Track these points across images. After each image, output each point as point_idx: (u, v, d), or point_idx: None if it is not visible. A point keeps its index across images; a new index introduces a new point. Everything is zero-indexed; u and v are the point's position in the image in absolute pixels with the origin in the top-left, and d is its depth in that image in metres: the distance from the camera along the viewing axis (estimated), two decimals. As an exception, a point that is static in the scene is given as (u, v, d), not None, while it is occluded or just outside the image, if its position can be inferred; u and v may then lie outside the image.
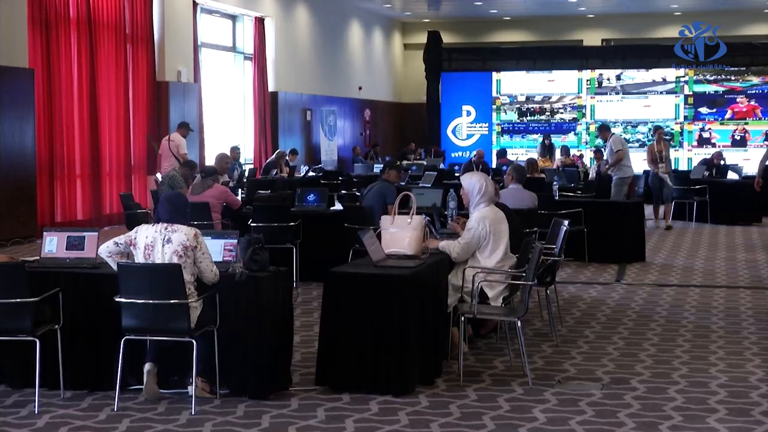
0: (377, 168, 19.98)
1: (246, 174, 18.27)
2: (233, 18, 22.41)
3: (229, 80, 22.25)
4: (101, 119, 16.79)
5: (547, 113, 28.07)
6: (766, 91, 26.45)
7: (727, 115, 26.53)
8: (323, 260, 8.92)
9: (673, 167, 23.40)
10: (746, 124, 26.41)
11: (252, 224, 11.27)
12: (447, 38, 29.86)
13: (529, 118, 28.25)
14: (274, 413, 6.33)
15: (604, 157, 18.12)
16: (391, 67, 31.75)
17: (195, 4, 19.63)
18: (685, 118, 26.82)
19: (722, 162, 19.86)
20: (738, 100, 26.49)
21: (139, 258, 6.53)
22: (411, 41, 32.29)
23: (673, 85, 27.03)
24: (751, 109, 26.37)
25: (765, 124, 26.33)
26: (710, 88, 26.80)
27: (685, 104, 26.82)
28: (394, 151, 28.20)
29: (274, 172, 19.14)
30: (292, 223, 11.43)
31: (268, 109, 22.85)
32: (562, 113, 27.96)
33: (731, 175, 19.31)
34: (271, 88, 23.07)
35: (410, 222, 7.50)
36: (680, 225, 18.01)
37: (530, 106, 28.21)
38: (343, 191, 16.39)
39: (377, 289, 6.80)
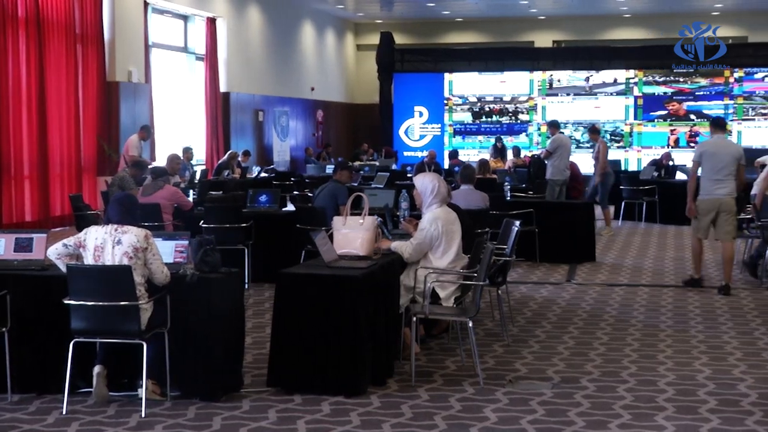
0: (329, 169, 19.96)
1: (197, 175, 18.17)
2: (185, 18, 22.28)
3: (181, 81, 22.12)
4: (50, 120, 16.61)
5: (498, 114, 28.20)
6: (713, 92, 26.76)
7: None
8: (275, 261, 8.92)
9: (622, 168, 23.70)
10: (694, 125, 26.70)
11: (203, 225, 11.22)
12: (399, 39, 29.91)
13: (481, 119, 28.37)
14: (225, 415, 6.30)
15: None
16: (343, 68, 31.74)
17: (146, 4, 19.49)
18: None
19: (671, 163, 20.07)
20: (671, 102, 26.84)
21: (89, 260, 6.48)
22: (364, 42, 32.31)
23: (623, 87, 27.27)
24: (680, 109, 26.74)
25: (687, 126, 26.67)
26: (659, 90, 27.08)
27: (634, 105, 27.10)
28: (346, 151, 28.20)
29: (226, 173, 19.06)
30: (244, 224, 11.40)
31: (220, 109, 22.75)
32: (513, 114, 28.11)
33: (680, 176, 19.51)
34: (223, 88, 22.97)
35: (362, 223, 7.50)
36: (630, 225, 18.19)
37: (482, 107, 28.33)
38: (295, 192, 16.37)
39: (329, 289, 6.80)
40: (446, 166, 22.87)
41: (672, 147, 25.45)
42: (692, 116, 26.70)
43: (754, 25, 28.88)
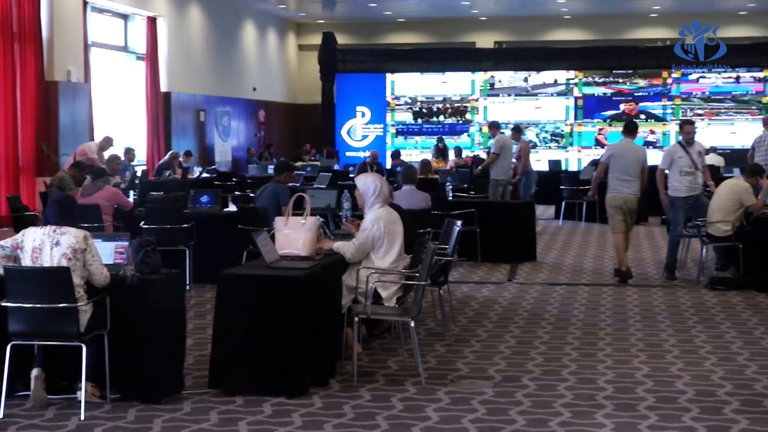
0: (272, 169, 19.89)
1: (138, 175, 18.00)
2: (125, 17, 22.06)
3: (121, 80, 21.90)
4: (-13, 119, 16.36)
5: (440, 114, 28.30)
6: (652, 93, 27.09)
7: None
8: (217, 262, 8.88)
9: (563, 168, 23.91)
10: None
11: (144, 226, 11.13)
12: (341, 39, 29.88)
13: (423, 119, 28.45)
14: (166, 417, 6.26)
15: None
16: (285, 68, 31.64)
17: (85, 3, 19.26)
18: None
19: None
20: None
21: (27, 261, 6.40)
22: (305, 42, 32.23)
23: (563, 87, 27.51)
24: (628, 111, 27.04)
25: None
26: (599, 91, 27.35)
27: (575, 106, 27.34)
28: (288, 152, 28.10)
29: (167, 174, 18.91)
30: (185, 225, 11.32)
31: (161, 109, 22.54)
32: (455, 115, 28.22)
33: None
34: (163, 88, 22.77)
35: (304, 223, 7.49)
36: (570, 225, 18.36)
37: (424, 107, 28.42)
38: (237, 192, 16.28)
39: (271, 290, 6.79)
40: (388, 166, 22.89)
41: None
42: (642, 116, 26.97)
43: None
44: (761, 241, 11.04)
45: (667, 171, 12.03)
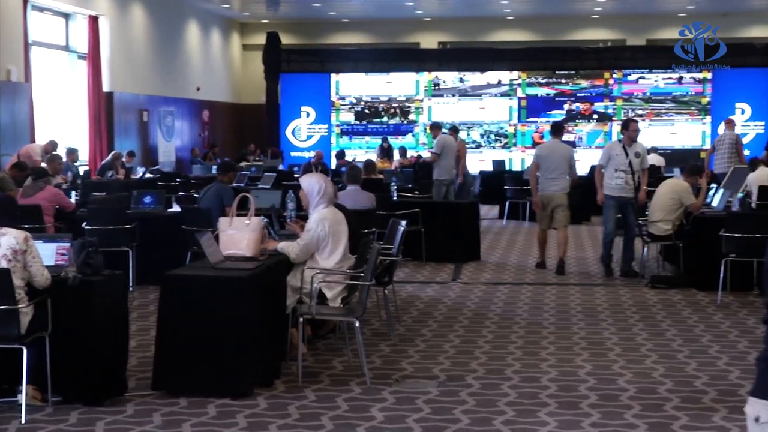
0: (216, 169, 19.78)
1: (80, 176, 17.81)
2: (66, 16, 21.81)
3: (63, 80, 21.65)
4: (-75, 119, 16.11)
5: (385, 115, 28.34)
6: (594, 93, 27.35)
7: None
8: (160, 263, 8.80)
9: (507, 168, 24.05)
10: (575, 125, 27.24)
11: (86, 227, 11.02)
12: (286, 39, 29.80)
13: (367, 119, 28.47)
14: (108, 420, 6.21)
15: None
16: (229, 68, 31.49)
17: (25, 2, 19.00)
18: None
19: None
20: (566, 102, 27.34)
21: (-34, 263, 6.31)
22: (250, 42, 32.09)
23: (507, 88, 27.67)
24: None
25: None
26: (542, 91, 27.56)
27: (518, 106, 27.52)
28: (233, 152, 27.97)
29: (109, 174, 18.73)
30: (128, 226, 11.23)
31: (104, 109, 22.32)
32: (400, 115, 28.27)
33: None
34: (106, 88, 22.55)
35: (248, 223, 7.47)
36: (514, 224, 18.49)
37: (369, 107, 28.44)
38: (180, 193, 16.16)
39: (215, 291, 6.77)
40: (333, 166, 22.89)
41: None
42: (595, 116, 27.20)
43: (632, 29, 29.61)
44: (701, 240, 11.20)
45: (604, 169, 12.17)
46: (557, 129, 13.11)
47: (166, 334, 6.79)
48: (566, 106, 27.35)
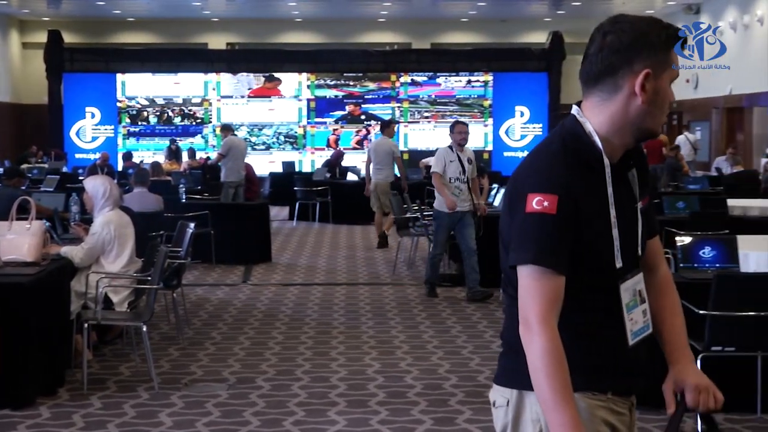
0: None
1: None
2: None
3: None
4: None
5: (173, 116, 27.93)
6: (381, 96, 27.80)
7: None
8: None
9: (297, 169, 24.16)
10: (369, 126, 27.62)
11: None
12: (69, 38, 28.92)
13: (155, 120, 27.98)
14: None
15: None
16: (8, 67, 30.28)
17: None
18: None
19: (342, 163, 20.65)
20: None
21: None
22: (30, 40, 30.96)
23: (296, 89, 27.77)
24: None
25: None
26: (331, 93, 27.80)
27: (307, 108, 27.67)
28: (14, 154, 26.93)
29: None
30: None
31: None
32: (188, 116, 27.93)
33: (351, 177, 20.15)
34: None
35: (29, 228, 7.25)
36: (304, 225, 18.58)
37: (156, 108, 27.95)
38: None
39: (-6, 298, 6.52)
40: (120, 168, 22.40)
41: (335, 147, 26.01)
42: (362, 117, 27.61)
43: (417, 33, 30.25)
44: (486, 237, 11.42)
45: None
46: (385, 126, 15.46)
47: (-59, 344, 6.49)
48: (348, 108, 27.69)
